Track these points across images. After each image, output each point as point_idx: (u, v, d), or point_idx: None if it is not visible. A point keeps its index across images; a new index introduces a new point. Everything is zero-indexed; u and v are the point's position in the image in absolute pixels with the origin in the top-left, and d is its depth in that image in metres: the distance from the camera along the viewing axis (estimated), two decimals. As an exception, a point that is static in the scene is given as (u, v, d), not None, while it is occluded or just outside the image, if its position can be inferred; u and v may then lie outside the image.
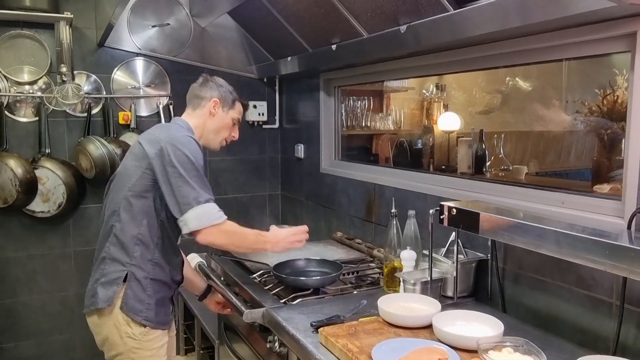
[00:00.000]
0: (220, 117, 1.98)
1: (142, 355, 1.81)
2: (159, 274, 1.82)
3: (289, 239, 1.94)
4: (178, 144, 1.74)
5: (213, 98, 1.96)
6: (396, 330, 1.57)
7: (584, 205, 1.61)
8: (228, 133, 2.03)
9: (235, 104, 2.02)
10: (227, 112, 2.00)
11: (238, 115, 2.04)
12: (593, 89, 2.21)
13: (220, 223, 1.73)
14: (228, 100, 1.99)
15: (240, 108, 2.05)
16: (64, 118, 3.03)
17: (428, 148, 3.35)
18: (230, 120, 2.01)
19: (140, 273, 1.78)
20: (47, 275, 3.08)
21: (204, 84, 2.00)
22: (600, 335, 1.51)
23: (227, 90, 2.01)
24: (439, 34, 1.78)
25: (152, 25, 3.10)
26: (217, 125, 1.98)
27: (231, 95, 2.01)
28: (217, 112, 1.97)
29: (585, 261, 1.29)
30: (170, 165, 1.71)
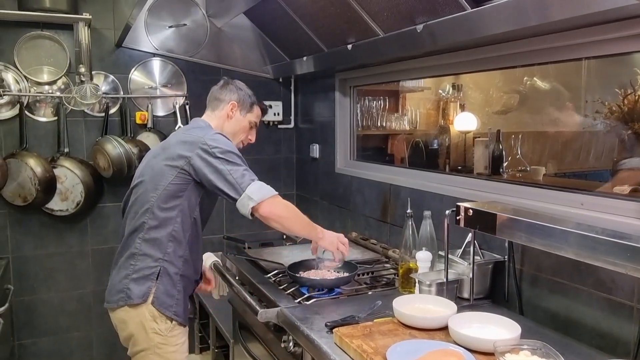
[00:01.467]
0: (238, 120, 2.03)
1: (166, 351, 1.85)
2: (187, 270, 1.89)
3: (338, 236, 2.00)
4: (217, 139, 1.83)
5: (231, 101, 2.02)
6: (411, 332, 1.55)
7: (604, 206, 1.58)
8: (245, 136, 2.08)
9: (254, 108, 2.07)
10: (245, 115, 2.05)
11: (256, 119, 2.09)
12: (613, 88, 2.17)
13: (277, 195, 1.81)
14: (246, 104, 2.04)
15: (258, 112, 2.10)
16: (82, 118, 3.07)
17: (444, 148, 3.32)
18: (248, 124, 2.06)
19: (172, 269, 1.84)
20: (65, 273, 3.12)
21: (223, 86, 2.05)
22: (620, 340, 1.48)
23: (246, 94, 2.05)
24: (456, 33, 1.76)
25: (169, 25, 3.12)
26: (235, 127, 2.03)
27: (250, 99, 2.05)
28: (235, 115, 2.02)
29: (605, 264, 1.27)
30: (216, 157, 1.79)
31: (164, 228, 1.83)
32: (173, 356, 1.88)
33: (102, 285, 3.20)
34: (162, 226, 1.83)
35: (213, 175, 1.78)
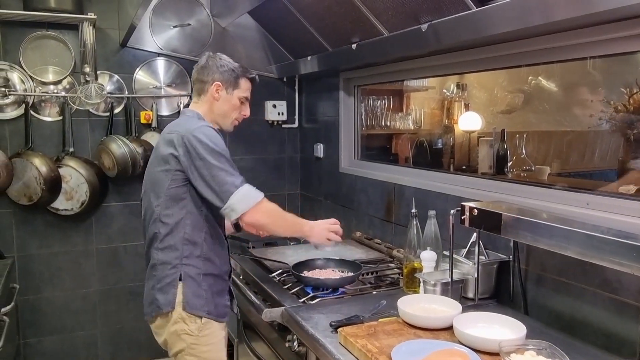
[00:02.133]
0: (225, 99, 1.91)
1: (200, 351, 1.82)
2: (210, 268, 1.83)
3: (327, 226, 1.93)
4: (198, 135, 1.72)
5: (215, 82, 1.89)
6: (416, 332, 1.55)
7: (610, 206, 1.58)
8: (237, 113, 1.95)
9: (240, 82, 1.92)
10: (232, 92, 1.91)
11: (244, 94, 1.95)
12: (619, 87, 2.16)
13: (261, 200, 1.75)
14: (231, 80, 1.90)
15: (246, 85, 1.95)
16: (87, 117, 3.08)
17: (448, 148, 3.32)
18: (237, 101, 1.93)
19: (193, 270, 1.80)
20: (70, 272, 3.14)
21: (204, 66, 1.91)
22: (626, 340, 1.48)
23: (228, 70, 1.90)
24: (461, 32, 1.76)
25: (173, 25, 3.13)
26: (223, 108, 1.91)
27: (234, 74, 1.90)
28: (221, 95, 1.90)
29: (611, 264, 1.26)
30: (198, 159, 1.71)
31: (176, 233, 1.79)
32: (208, 355, 1.84)
33: (106, 285, 3.22)
34: (174, 232, 1.80)
35: (197, 181, 1.73)
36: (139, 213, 3.20)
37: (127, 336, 3.30)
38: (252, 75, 1.97)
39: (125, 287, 3.26)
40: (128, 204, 3.22)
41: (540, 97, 2.94)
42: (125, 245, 3.23)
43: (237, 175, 1.74)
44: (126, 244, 3.23)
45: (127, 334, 3.29)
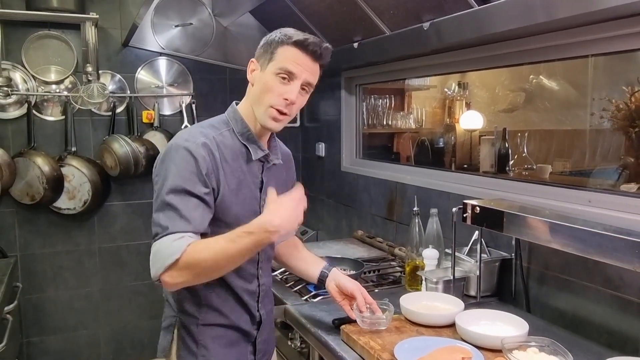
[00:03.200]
0: (259, 79, 1.36)
1: None
2: (214, 318, 1.43)
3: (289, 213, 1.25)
4: (168, 151, 1.33)
5: (250, 60, 1.41)
6: (418, 329, 1.56)
7: (612, 203, 1.58)
8: (274, 97, 1.34)
9: (277, 51, 1.33)
10: (265, 68, 1.35)
11: (283, 64, 1.33)
12: (620, 86, 2.16)
13: (173, 262, 1.20)
14: (267, 52, 1.35)
15: (286, 53, 1.33)
16: (90, 117, 3.08)
17: (450, 147, 3.32)
18: (272, 77, 1.33)
19: (190, 320, 1.42)
20: (72, 272, 3.14)
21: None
22: (629, 337, 1.48)
23: (267, 42, 1.37)
24: (463, 30, 1.76)
25: (175, 25, 3.13)
26: (257, 93, 1.37)
27: (272, 44, 1.35)
28: (255, 76, 1.39)
29: (614, 260, 1.27)
30: (155, 183, 1.32)
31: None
32: None
33: (109, 284, 3.22)
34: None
35: None
36: (141, 212, 3.25)
37: (130, 335, 3.30)
38: (298, 38, 1.33)
39: (127, 286, 3.26)
40: (130, 203, 3.23)
41: (542, 95, 2.95)
42: (128, 244, 3.23)
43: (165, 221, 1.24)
44: (129, 243, 3.24)
45: (129, 333, 3.30)
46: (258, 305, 1.49)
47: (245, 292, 1.45)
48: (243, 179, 1.39)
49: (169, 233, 1.23)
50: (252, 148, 1.40)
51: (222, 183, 1.33)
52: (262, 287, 1.50)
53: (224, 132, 1.39)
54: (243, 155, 1.40)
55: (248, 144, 1.40)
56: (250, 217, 1.30)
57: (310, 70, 1.38)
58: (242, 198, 1.38)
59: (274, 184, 1.40)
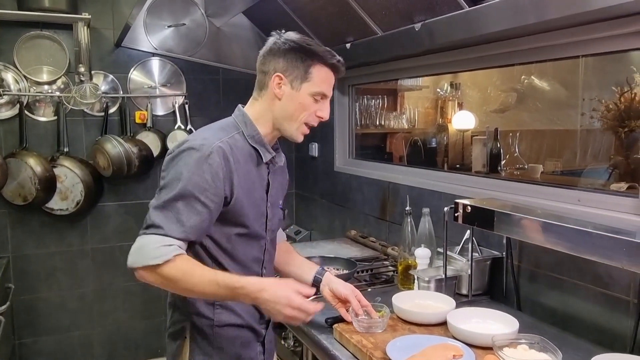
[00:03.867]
0: (290, 97, 1.38)
1: None
2: (228, 317, 1.43)
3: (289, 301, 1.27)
4: (183, 150, 1.31)
5: (276, 72, 1.37)
6: (411, 327, 1.57)
7: (601, 202, 1.60)
8: (308, 115, 1.40)
9: (312, 72, 1.37)
10: (300, 87, 1.37)
11: (319, 88, 1.38)
12: (610, 86, 2.19)
13: (155, 265, 1.22)
14: (298, 69, 1.36)
15: (322, 74, 1.38)
16: (82, 117, 3.08)
17: (442, 147, 3.34)
18: (307, 98, 1.38)
19: (204, 322, 1.41)
20: (65, 272, 3.13)
21: (267, 51, 1.41)
22: (618, 334, 1.50)
23: (295, 55, 1.36)
24: (454, 31, 1.78)
25: (168, 25, 3.13)
26: (288, 109, 1.39)
27: (304, 60, 1.36)
28: (284, 91, 1.38)
29: (603, 259, 1.28)
30: (162, 178, 1.34)
31: None
32: None
33: (102, 284, 3.22)
34: None
35: None
36: (134, 213, 3.25)
37: (124, 336, 3.30)
38: (332, 61, 1.39)
39: (121, 287, 3.25)
40: (124, 203, 3.22)
41: (533, 96, 2.97)
42: (121, 245, 3.23)
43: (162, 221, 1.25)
44: (122, 244, 3.23)
45: (123, 334, 3.29)
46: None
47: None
48: (254, 181, 1.41)
49: (161, 234, 1.24)
50: (262, 151, 1.42)
51: (236, 186, 1.34)
52: None
53: (235, 136, 1.39)
54: (253, 158, 1.41)
55: (258, 146, 1.41)
56: (259, 218, 1.42)
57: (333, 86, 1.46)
58: (253, 200, 1.41)
59: (277, 185, 1.52)
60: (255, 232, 1.42)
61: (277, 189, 1.53)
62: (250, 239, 1.42)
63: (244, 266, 1.41)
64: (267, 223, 1.47)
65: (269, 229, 1.48)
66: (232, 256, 1.40)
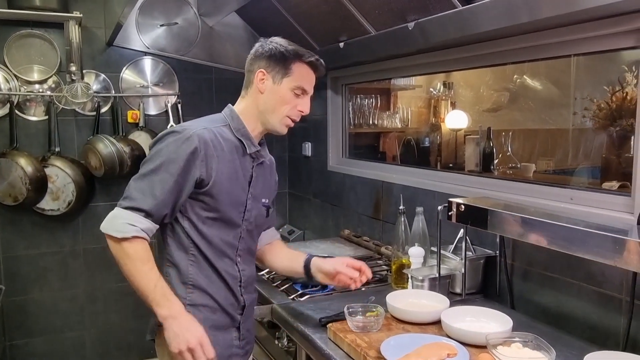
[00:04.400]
0: (272, 91, 1.50)
1: None
2: (201, 299, 1.49)
3: (187, 340, 1.35)
4: (167, 132, 1.44)
5: (259, 69, 1.50)
6: (404, 326, 1.57)
7: (594, 201, 1.61)
8: (289, 108, 1.52)
9: (292, 68, 1.49)
10: (280, 81, 1.49)
11: (298, 82, 1.50)
12: (602, 86, 2.20)
13: (117, 238, 1.37)
14: (279, 66, 1.48)
15: (302, 71, 1.50)
16: (74, 117, 3.05)
17: (435, 146, 3.35)
18: (288, 92, 1.50)
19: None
20: (57, 273, 3.11)
21: (253, 54, 1.54)
22: (611, 332, 1.51)
23: (277, 53, 1.48)
24: (447, 30, 1.78)
25: (160, 24, 3.11)
26: (270, 102, 1.50)
27: (284, 58, 1.48)
28: (266, 86, 1.50)
29: (595, 257, 1.29)
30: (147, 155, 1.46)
31: (162, 250, 1.51)
32: None
33: (94, 285, 3.20)
34: (161, 248, 1.52)
35: None
36: (126, 213, 3.22)
37: (116, 337, 3.27)
38: (311, 59, 1.51)
39: (113, 287, 3.23)
40: (116, 204, 3.18)
41: (526, 95, 2.98)
42: (113, 245, 3.20)
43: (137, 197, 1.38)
44: (114, 244, 3.21)
45: (115, 335, 3.27)
46: (241, 290, 1.56)
47: (229, 276, 1.53)
48: (236, 170, 1.50)
49: (133, 209, 1.38)
50: (247, 143, 1.52)
51: (215, 170, 1.44)
52: (242, 272, 1.56)
53: (221, 127, 1.50)
54: (238, 149, 1.51)
55: (243, 139, 1.52)
56: (237, 206, 1.52)
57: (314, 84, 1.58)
58: (233, 187, 1.49)
59: (262, 180, 1.60)
60: (229, 218, 1.50)
61: (262, 184, 1.61)
62: (224, 224, 1.50)
63: (218, 249, 1.50)
64: (245, 213, 1.54)
65: (246, 219, 1.54)
66: (206, 238, 1.48)
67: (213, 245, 1.49)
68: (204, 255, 1.49)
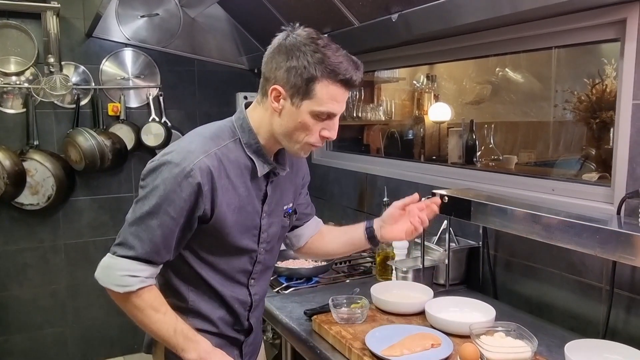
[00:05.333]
0: (289, 114, 1.19)
1: None
2: (201, 325, 1.32)
3: None
4: (162, 163, 1.18)
5: (275, 84, 1.19)
6: (389, 317, 1.58)
7: (574, 192, 1.63)
8: (311, 135, 1.21)
9: (315, 88, 1.15)
10: (300, 104, 1.17)
11: (323, 107, 1.17)
12: (582, 78, 2.23)
13: (113, 291, 1.21)
14: (298, 84, 1.16)
15: (329, 92, 1.16)
16: (52, 109, 3.00)
17: (419, 138, 3.36)
18: (307, 117, 1.18)
19: None
20: (37, 269, 3.06)
21: (272, 53, 1.21)
22: (591, 320, 1.53)
23: (301, 66, 1.15)
24: (430, 22, 1.78)
25: (141, 15, 3.06)
26: (287, 127, 1.20)
27: (307, 72, 1.14)
28: (283, 107, 1.19)
29: (576, 246, 1.31)
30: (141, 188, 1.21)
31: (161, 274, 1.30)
32: None
33: (76, 280, 3.15)
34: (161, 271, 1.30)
35: None
36: (108, 207, 3.19)
37: (99, 333, 3.24)
38: (347, 76, 1.17)
39: (95, 282, 3.14)
40: (97, 198, 3.16)
41: (508, 88, 3.01)
42: (95, 240, 3.17)
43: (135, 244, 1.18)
44: (95, 239, 3.17)
45: (98, 331, 3.24)
46: (249, 315, 1.39)
47: (236, 301, 1.35)
48: (246, 195, 1.27)
49: (130, 258, 1.19)
50: (258, 162, 1.26)
51: (220, 202, 1.21)
52: (254, 296, 1.38)
53: (229, 145, 1.24)
54: (248, 170, 1.26)
55: (255, 157, 1.26)
56: (248, 231, 1.29)
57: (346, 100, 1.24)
58: (241, 217, 1.27)
59: (279, 194, 1.36)
60: (239, 246, 1.29)
61: (281, 196, 1.37)
62: (235, 251, 1.29)
63: (226, 276, 1.31)
64: (261, 235, 1.33)
65: (262, 240, 1.34)
66: (212, 266, 1.29)
67: (220, 272, 1.30)
68: (207, 284, 1.30)
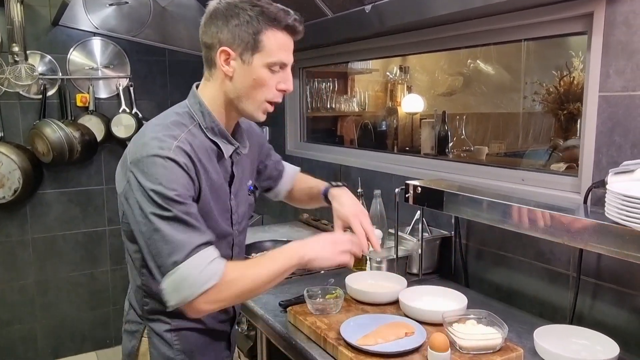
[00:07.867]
0: (242, 73, 1.16)
1: None
2: (185, 323, 1.27)
3: (333, 243, 1.27)
4: (145, 169, 1.09)
5: (221, 47, 1.15)
6: (364, 307, 1.59)
7: (543, 182, 1.67)
8: (268, 91, 1.20)
9: (262, 39, 1.14)
10: (251, 59, 1.15)
11: (275, 57, 1.16)
12: (550, 70, 2.27)
13: (211, 287, 1.07)
14: (246, 40, 1.13)
15: (278, 40, 1.16)
16: (18, 100, 2.91)
17: (392, 130, 3.39)
18: (263, 71, 1.16)
19: (159, 326, 1.27)
20: (4, 264, 2.98)
21: (208, 19, 1.17)
22: (559, 307, 1.58)
23: (244, 22, 1.13)
24: (404, 14, 1.79)
25: (110, 3, 2.99)
26: (243, 88, 1.18)
27: (253, 25, 1.13)
28: (234, 68, 1.16)
29: (545, 235, 1.34)
30: (138, 206, 1.10)
31: (134, 280, 1.27)
32: None
33: (44, 275, 3.09)
34: (133, 277, 1.28)
35: (138, 238, 1.12)
36: (77, 201, 3.12)
37: (69, 328, 3.18)
38: (288, 21, 1.16)
39: (65, 277, 3.13)
40: (66, 191, 3.08)
41: (479, 80, 3.05)
42: (64, 234, 3.10)
43: (185, 242, 1.08)
44: (65, 233, 3.10)
45: (68, 326, 3.18)
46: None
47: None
48: (217, 178, 1.24)
49: (195, 251, 1.08)
50: (222, 144, 1.23)
51: (203, 185, 1.18)
52: None
53: (192, 129, 1.19)
54: (214, 152, 1.23)
55: (218, 139, 1.22)
56: (224, 214, 1.28)
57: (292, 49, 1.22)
58: (217, 198, 1.25)
59: (241, 173, 1.34)
60: (221, 231, 1.25)
61: (243, 174, 1.35)
62: (217, 238, 1.20)
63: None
64: (233, 217, 1.31)
65: (235, 222, 1.32)
66: None
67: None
68: None
